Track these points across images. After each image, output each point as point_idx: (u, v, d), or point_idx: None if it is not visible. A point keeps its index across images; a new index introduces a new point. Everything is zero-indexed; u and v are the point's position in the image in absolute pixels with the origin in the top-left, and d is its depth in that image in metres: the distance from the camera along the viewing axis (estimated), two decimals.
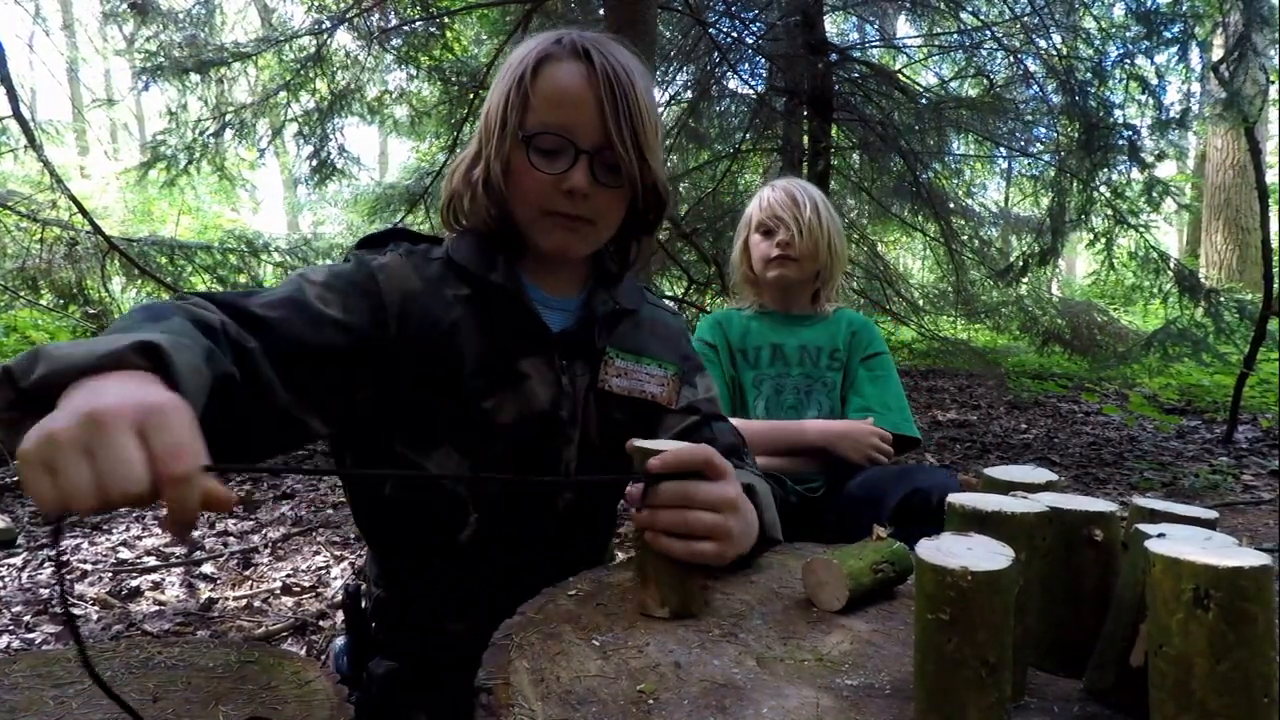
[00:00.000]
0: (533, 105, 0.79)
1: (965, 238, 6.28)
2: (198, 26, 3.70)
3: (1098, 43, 3.70)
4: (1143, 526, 0.52)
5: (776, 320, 1.51)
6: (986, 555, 0.46)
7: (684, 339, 0.99)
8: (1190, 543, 0.47)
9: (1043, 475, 0.66)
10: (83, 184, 10.16)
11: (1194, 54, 3.32)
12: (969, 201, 6.59)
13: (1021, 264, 5.03)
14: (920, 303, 7.26)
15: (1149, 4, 3.26)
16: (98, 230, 3.53)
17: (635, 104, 0.79)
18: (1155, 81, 3.46)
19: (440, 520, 0.83)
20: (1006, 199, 6.68)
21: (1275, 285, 3.44)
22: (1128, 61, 3.47)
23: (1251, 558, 0.44)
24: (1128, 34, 3.57)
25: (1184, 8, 3.19)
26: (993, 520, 0.52)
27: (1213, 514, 0.59)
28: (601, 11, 3.16)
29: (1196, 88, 3.97)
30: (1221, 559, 0.43)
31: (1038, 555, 0.52)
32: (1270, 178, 11.04)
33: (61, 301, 4.03)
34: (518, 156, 0.80)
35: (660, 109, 4.81)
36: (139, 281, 3.86)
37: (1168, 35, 3.22)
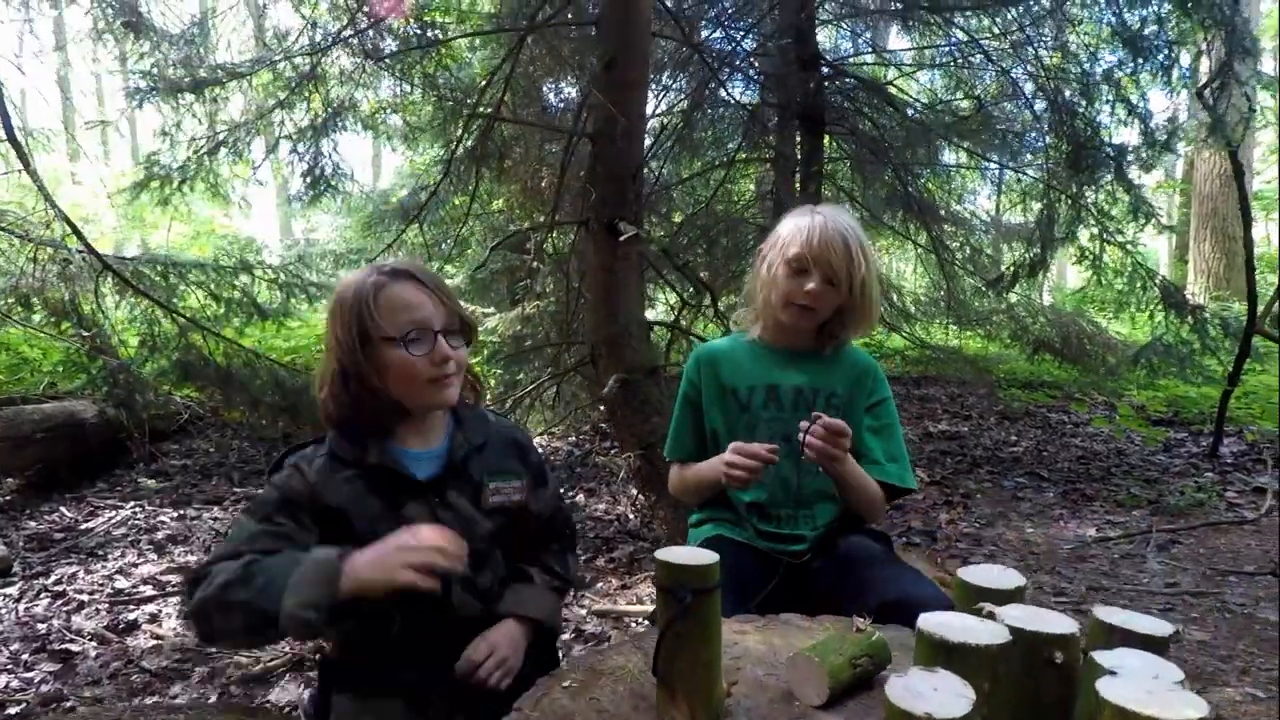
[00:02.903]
0: (386, 319, 1.06)
1: (957, 244, 6.33)
2: (192, 46, 3.69)
3: (1085, 64, 3.74)
4: (1098, 657, 0.55)
5: (774, 357, 1.39)
6: (950, 697, 0.49)
7: (529, 450, 1.26)
8: (1139, 681, 0.50)
9: (1011, 580, 0.70)
10: (74, 190, 10.11)
11: (1178, 77, 3.36)
12: (959, 209, 6.64)
13: (1012, 274, 5.07)
14: (913, 310, 7.32)
15: (1134, 27, 3.30)
16: (92, 251, 3.53)
17: (448, 289, 1.13)
18: (1141, 104, 3.50)
19: (374, 622, 1.07)
20: (998, 207, 6.72)
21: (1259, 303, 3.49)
22: (1113, 85, 3.51)
23: (1192, 708, 0.47)
24: (1114, 57, 3.62)
25: (1168, 34, 3.23)
26: (959, 653, 0.55)
27: (1168, 629, 0.62)
28: (594, 29, 3.18)
29: (1183, 112, 4.02)
30: (1166, 709, 0.46)
31: (1001, 683, 0.56)
32: (1259, 184, 11.13)
33: (54, 319, 4.02)
34: (392, 354, 1.06)
35: (652, 119, 4.84)
36: (133, 300, 3.86)
37: (1153, 59, 3.26)
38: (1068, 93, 3.97)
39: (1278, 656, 1.95)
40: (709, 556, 0.71)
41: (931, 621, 0.58)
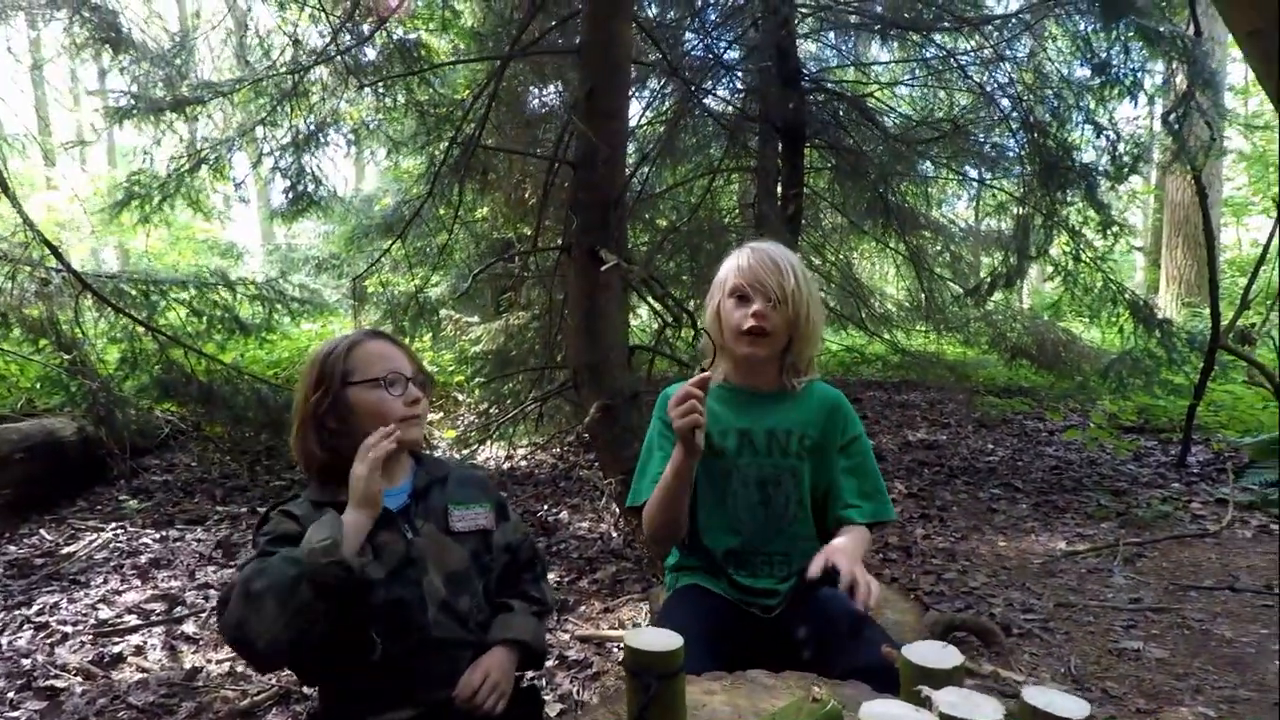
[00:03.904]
0: (363, 366, 1.20)
1: (937, 250, 6.44)
2: (172, 65, 3.69)
3: (1056, 87, 3.84)
4: None
5: (743, 400, 1.40)
6: None
7: (489, 484, 1.36)
8: None
9: (950, 659, 0.75)
10: (49, 195, 9.97)
11: (1144, 103, 3.46)
12: (939, 215, 6.76)
13: (989, 284, 5.18)
14: (894, 314, 7.42)
15: (1102, 54, 3.39)
16: (71, 271, 3.52)
17: (412, 350, 1.29)
18: (1110, 126, 3.60)
19: (356, 648, 1.13)
20: (977, 214, 6.83)
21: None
22: (1082, 108, 3.61)
23: None
24: (1084, 72, 3.71)
25: (1134, 61, 3.33)
26: None
27: (1085, 710, 0.67)
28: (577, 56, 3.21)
29: (1152, 129, 4.12)
30: None
31: None
32: (1229, 190, 11.36)
33: (32, 337, 3.99)
34: (369, 396, 1.19)
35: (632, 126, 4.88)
36: (113, 318, 3.85)
37: (1120, 84, 3.35)
38: (1039, 111, 4.07)
39: (1231, 674, 2.04)
40: (674, 641, 0.76)
41: (872, 712, 0.63)
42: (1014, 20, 4.25)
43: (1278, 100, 1.12)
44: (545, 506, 3.82)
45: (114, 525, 3.46)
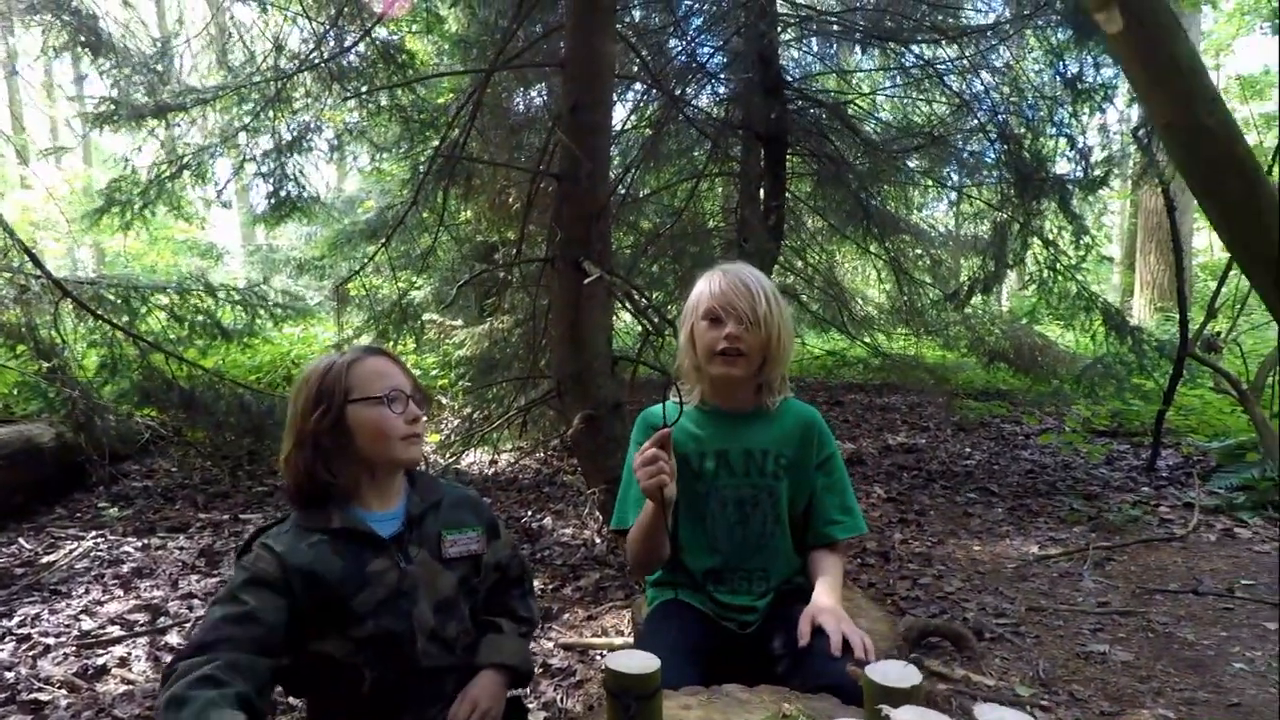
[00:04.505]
0: (364, 384, 1.19)
1: (917, 254, 6.54)
2: (153, 71, 3.67)
3: (1031, 99, 3.93)
4: None
5: (720, 422, 1.44)
6: None
7: (482, 505, 1.36)
8: None
9: (909, 679, 0.79)
10: (23, 195, 9.83)
11: (1116, 118, 3.56)
12: (919, 219, 6.87)
13: (968, 289, 5.28)
14: (875, 317, 7.53)
15: (1075, 68, 3.48)
16: (50, 278, 3.50)
17: (409, 368, 1.27)
18: (1081, 140, 3.70)
19: (345, 681, 1.15)
20: (957, 220, 6.93)
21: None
22: (1055, 122, 3.70)
23: None
24: (1057, 93, 3.81)
25: (1103, 76, 3.43)
26: None
27: None
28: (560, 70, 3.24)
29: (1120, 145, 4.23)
30: None
31: None
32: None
33: (9, 343, 3.96)
34: (370, 414, 1.18)
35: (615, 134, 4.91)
36: (92, 324, 3.82)
37: (1091, 100, 3.45)
38: (1014, 123, 4.17)
39: (1191, 677, 2.11)
40: (651, 664, 0.80)
41: None
42: (990, 32, 4.35)
43: (1195, 189, 1.18)
44: (529, 512, 3.85)
45: (94, 533, 3.44)
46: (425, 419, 1.26)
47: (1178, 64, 1.04)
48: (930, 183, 5.72)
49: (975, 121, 4.57)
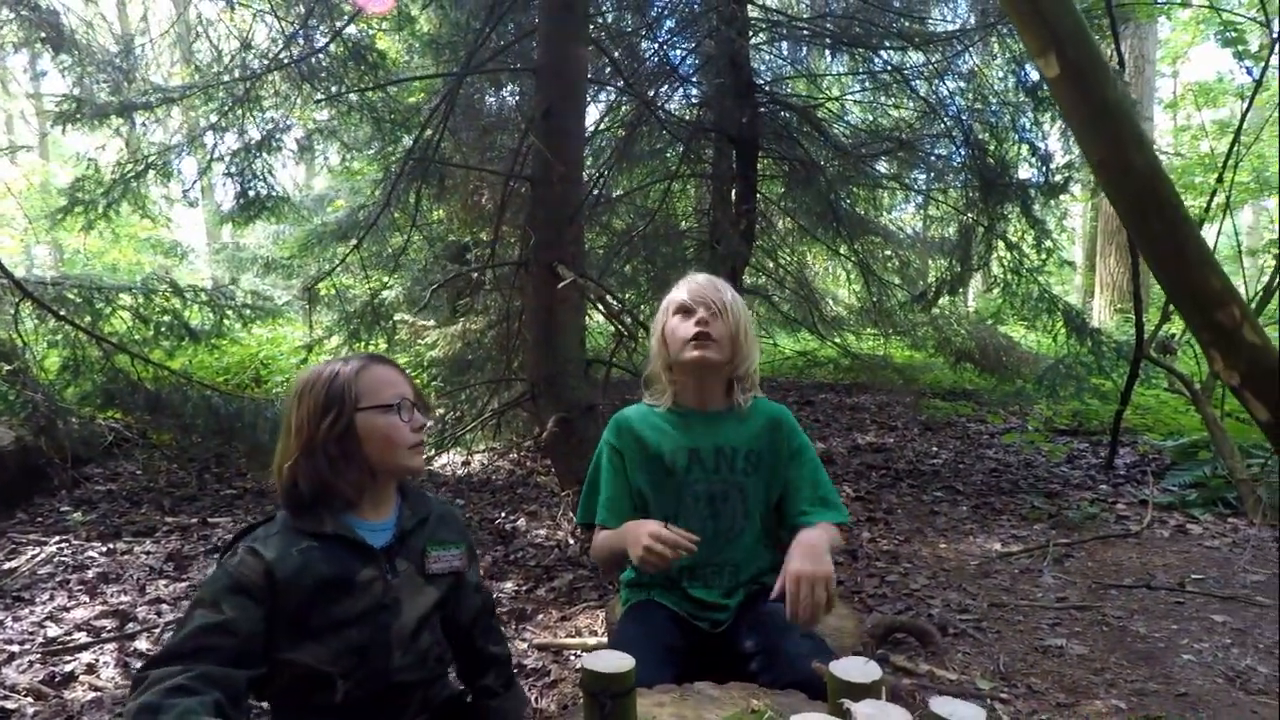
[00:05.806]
0: (373, 392, 1.20)
1: (886, 255, 6.67)
2: (117, 69, 3.60)
3: (995, 106, 4.04)
4: None
5: (692, 420, 1.48)
6: None
7: (461, 523, 1.38)
8: None
9: (871, 674, 0.84)
10: None
11: None
12: (887, 221, 7.00)
13: (935, 290, 5.41)
14: (845, 317, 7.65)
15: (1036, 77, 3.60)
16: (11, 278, 3.42)
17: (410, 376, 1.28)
18: (1043, 147, 3.81)
19: (318, 690, 1.15)
20: (924, 222, 7.07)
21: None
22: (1017, 129, 3.82)
23: None
24: (1019, 102, 3.93)
25: None
26: None
27: (982, 716, 0.77)
28: (535, 63, 3.25)
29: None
30: None
31: None
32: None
33: None
34: (378, 421, 1.19)
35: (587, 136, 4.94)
36: (54, 325, 3.74)
37: (1051, 108, 3.56)
38: (978, 129, 4.28)
39: (1143, 668, 2.21)
40: (626, 663, 0.83)
41: None
42: (956, 39, 4.46)
43: (1123, 221, 1.25)
44: (503, 514, 3.85)
45: (57, 538, 3.37)
46: (430, 426, 1.28)
47: (1109, 108, 1.10)
48: (897, 185, 5.83)
49: (941, 126, 4.68)
